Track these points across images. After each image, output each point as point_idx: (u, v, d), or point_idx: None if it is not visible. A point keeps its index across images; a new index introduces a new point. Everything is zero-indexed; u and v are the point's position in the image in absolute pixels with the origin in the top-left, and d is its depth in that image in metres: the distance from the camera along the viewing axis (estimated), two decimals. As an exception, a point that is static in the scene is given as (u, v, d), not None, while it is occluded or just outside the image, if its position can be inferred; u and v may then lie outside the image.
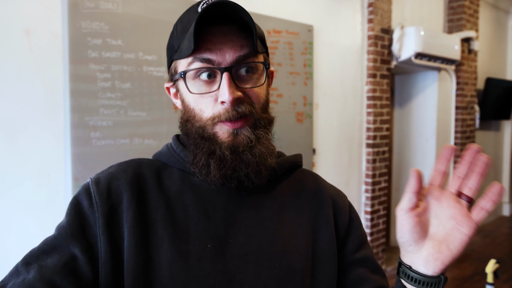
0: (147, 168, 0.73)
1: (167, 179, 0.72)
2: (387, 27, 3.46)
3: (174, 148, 0.75)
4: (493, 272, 2.03)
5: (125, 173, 0.70)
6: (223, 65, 0.65)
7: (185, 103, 0.70)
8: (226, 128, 0.66)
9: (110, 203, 0.66)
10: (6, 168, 1.76)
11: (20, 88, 1.79)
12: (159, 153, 0.77)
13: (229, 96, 0.63)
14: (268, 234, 0.68)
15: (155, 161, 0.75)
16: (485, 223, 5.24)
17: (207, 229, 0.66)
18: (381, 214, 3.57)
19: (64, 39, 1.87)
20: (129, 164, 0.73)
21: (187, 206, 0.68)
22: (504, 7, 5.37)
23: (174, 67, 0.71)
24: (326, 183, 0.83)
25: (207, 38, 0.65)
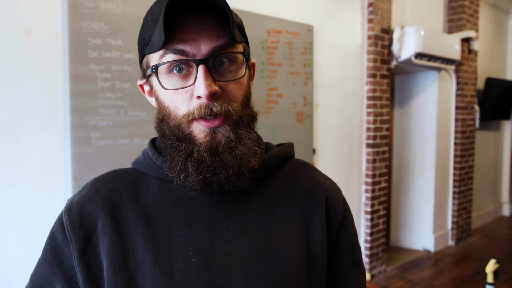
0: (122, 182, 0.68)
1: (144, 190, 0.67)
2: (387, 27, 3.46)
3: (150, 156, 0.70)
4: (493, 272, 2.03)
5: (97, 193, 0.66)
6: (198, 57, 0.60)
7: (159, 100, 0.65)
8: (201, 127, 0.61)
9: (83, 232, 0.63)
10: (6, 168, 1.76)
11: (20, 88, 1.79)
12: (136, 161, 0.72)
13: (205, 90, 0.58)
14: (256, 240, 0.64)
15: (132, 171, 0.71)
16: (485, 223, 5.25)
17: (191, 242, 0.62)
18: (381, 214, 3.57)
19: (64, 39, 1.87)
20: (102, 181, 0.68)
21: (167, 218, 0.64)
22: (504, 7, 5.37)
23: (146, 62, 0.65)
24: (320, 175, 0.77)
25: (179, 28, 0.60)
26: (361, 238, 3.49)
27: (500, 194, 5.70)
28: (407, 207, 4.34)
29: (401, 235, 4.37)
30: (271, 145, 0.77)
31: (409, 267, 3.78)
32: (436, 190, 4.21)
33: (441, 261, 3.97)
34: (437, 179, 4.21)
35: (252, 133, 0.65)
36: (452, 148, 4.41)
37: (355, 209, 3.44)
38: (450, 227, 4.45)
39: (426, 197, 4.23)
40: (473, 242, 4.55)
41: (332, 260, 0.71)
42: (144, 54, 0.65)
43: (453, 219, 4.44)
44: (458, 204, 4.44)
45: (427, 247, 4.22)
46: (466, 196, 4.56)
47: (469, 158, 4.55)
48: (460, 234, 4.51)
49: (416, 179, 4.29)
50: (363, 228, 3.50)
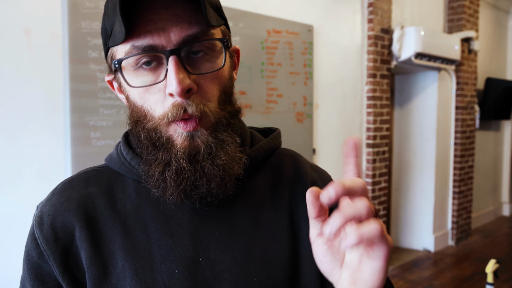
0: (96, 185, 0.61)
1: (120, 194, 0.61)
2: (387, 27, 3.46)
3: (124, 155, 0.62)
4: (493, 272, 2.03)
5: (69, 202, 0.60)
6: (168, 48, 0.52)
7: (130, 100, 0.57)
8: (179, 130, 0.54)
9: (60, 246, 0.57)
10: (6, 167, 1.76)
11: (20, 88, 1.79)
12: (109, 158, 0.65)
13: (177, 86, 0.50)
14: (243, 245, 0.59)
15: (105, 171, 0.64)
16: (485, 223, 5.25)
17: (173, 251, 0.57)
18: (381, 214, 3.57)
19: (64, 39, 1.87)
20: (73, 186, 0.62)
21: (147, 225, 0.58)
22: (504, 7, 5.37)
23: (111, 55, 0.57)
24: (307, 165, 0.71)
25: (144, 16, 0.52)
26: (361, 238, 3.49)
27: (500, 194, 5.70)
28: (407, 207, 4.34)
29: (401, 235, 4.37)
30: (257, 136, 0.70)
31: (409, 267, 3.78)
32: (436, 190, 4.21)
33: (441, 261, 3.97)
34: (437, 179, 4.21)
35: (235, 136, 0.58)
36: (452, 148, 4.41)
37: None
38: (450, 227, 4.45)
39: (426, 197, 4.23)
40: (473, 242, 4.55)
41: None
42: (108, 46, 0.57)
43: (453, 219, 4.44)
44: (458, 204, 4.44)
45: (427, 247, 4.22)
46: (466, 196, 4.57)
47: (469, 158, 4.55)
48: (460, 234, 4.51)
49: (416, 179, 4.29)
50: (363, 228, 3.49)
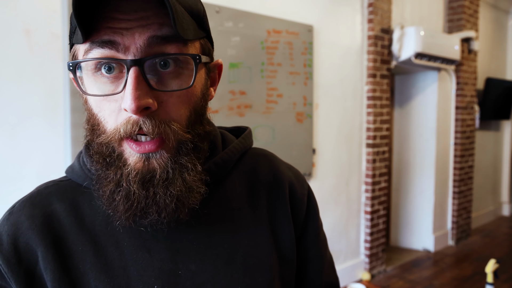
0: (59, 202, 0.56)
1: (88, 209, 0.56)
2: (387, 27, 3.46)
3: (88, 166, 0.57)
4: (493, 272, 2.03)
5: (32, 220, 0.54)
6: (132, 53, 0.46)
7: (87, 105, 0.52)
8: (131, 150, 0.49)
9: (23, 268, 0.52)
10: (6, 167, 1.76)
11: (20, 88, 1.79)
12: (71, 171, 0.59)
13: (131, 102, 0.44)
14: (223, 253, 0.56)
15: (67, 185, 0.58)
16: (485, 223, 5.25)
17: (150, 265, 0.53)
18: (381, 214, 3.57)
19: (64, 39, 1.87)
20: (34, 203, 0.56)
21: (120, 240, 0.54)
22: (504, 7, 5.37)
23: (73, 53, 0.52)
24: (282, 166, 0.68)
25: (109, 14, 0.46)
26: (361, 238, 3.50)
27: (500, 194, 5.70)
28: (407, 207, 4.34)
29: (401, 235, 4.37)
30: (228, 136, 0.66)
31: (409, 267, 3.78)
32: (436, 190, 4.21)
33: (441, 261, 3.97)
34: (437, 179, 4.21)
35: (197, 162, 0.52)
36: (452, 148, 4.41)
37: (355, 209, 3.44)
38: (450, 227, 4.45)
39: (426, 197, 4.23)
40: (473, 242, 4.55)
41: (299, 253, 0.66)
42: (73, 43, 0.51)
43: (453, 219, 4.44)
44: (458, 204, 4.44)
45: (427, 247, 4.22)
46: (466, 196, 4.57)
47: (469, 158, 4.55)
48: (460, 234, 4.51)
49: (416, 179, 4.29)
50: (363, 228, 3.50)
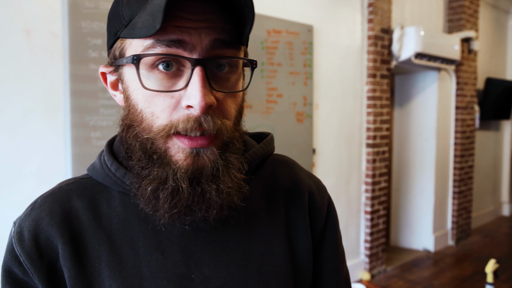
0: (79, 199, 0.56)
1: (106, 208, 0.56)
2: (387, 27, 3.46)
3: (108, 165, 0.57)
4: (493, 272, 2.03)
5: (52, 216, 0.55)
6: (196, 53, 0.47)
7: (130, 100, 0.52)
8: (181, 145, 0.49)
9: (45, 263, 0.53)
10: (7, 168, 1.76)
11: (20, 88, 1.79)
12: (92, 169, 0.60)
13: (201, 100, 0.46)
14: (238, 258, 0.56)
15: (88, 182, 0.59)
16: (485, 223, 5.25)
17: (164, 267, 0.53)
18: (381, 214, 3.57)
19: (64, 39, 1.87)
20: (55, 199, 0.56)
21: (135, 241, 0.54)
22: (504, 7, 5.37)
23: (121, 47, 0.51)
24: (303, 174, 0.67)
25: (176, 13, 0.47)
26: (361, 238, 3.50)
27: (500, 194, 5.70)
28: (407, 207, 4.34)
29: (401, 235, 4.37)
30: (249, 141, 0.65)
31: (409, 267, 3.78)
32: (436, 190, 4.21)
33: (441, 261, 3.97)
34: (437, 179, 4.21)
35: (243, 161, 0.54)
36: (452, 148, 4.41)
37: (355, 209, 3.44)
38: (450, 227, 4.45)
39: (426, 197, 4.23)
40: (473, 242, 4.55)
41: (314, 265, 0.64)
42: (119, 36, 0.51)
43: (453, 219, 4.44)
44: (458, 204, 4.44)
45: (427, 247, 4.22)
46: (466, 196, 4.57)
47: (469, 158, 4.55)
48: (460, 234, 4.51)
49: (416, 179, 4.29)
50: (363, 228, 3.50)
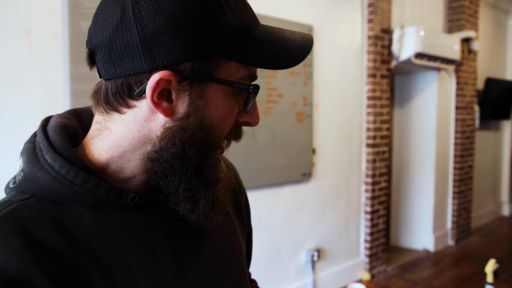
0: (37, 227, 0.46)
1: (77, 229, 0.48)
2: (387, 27, 3.46)
3: (70, 178, 0.47)
4: (493, 272, 2.03)
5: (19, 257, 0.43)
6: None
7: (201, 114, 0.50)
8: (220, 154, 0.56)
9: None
10: (7, 168, 1.76)
11: (20, 88, 1.79)
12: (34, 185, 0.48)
13: (258, 118, 0.56)
14: (213, 244, 0.61)
15: (35, 204, 0.48)
16: (485, 223, 5.25)
17: (163, 275, 0.52)
18: (381, 214, 3.57)
19: (64, 39, 1.87)
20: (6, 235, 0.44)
21: (124, 256, 0.50)
22: (504, 7, 5.37)
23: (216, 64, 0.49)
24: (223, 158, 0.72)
25: None
26: (361, 238, 3.50)
27: (500, 194, 5.70)
28: (407, 207, 4.34)
29: (401, 235, 4.37)
30: None
31: (409, 267, 3.78)
32: (436, 190, 4.21)
33: (441, 261, 3.97)
34: (437, 179, 4.21)
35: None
36: (452, 148, 4.41)
37: (355, 209, 3.44)
38: (450, 227, 4.45)
39: (426, 197, 4.23)
40: (473, 242, 4.55)
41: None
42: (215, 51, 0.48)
43: (453, 219, 4.44)
44: (458, 204, 4.44)
45: (427, 247, 4.22)
46: (466, 196, 4.57)
47: (469, 158, 4.55)
48: (460, 234, 4.51)
49: (416, 179, 4.29)
50: (363, 228, 3.50)
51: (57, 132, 0.51)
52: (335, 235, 3.28)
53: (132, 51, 0.46)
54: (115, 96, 0.49)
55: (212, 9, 0.47)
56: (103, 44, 0.47)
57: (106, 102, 0.50)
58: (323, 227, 3.18)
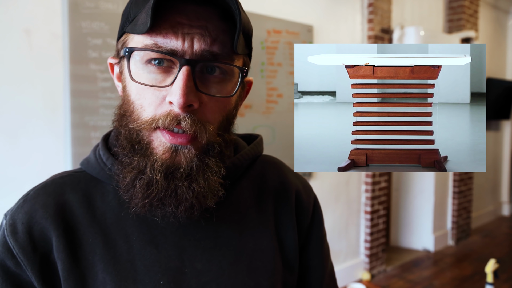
0: (73, 192, 0.57)
1: (100, 202, 0.57)
2: (387, 27, 3.46)
3: (104, 160, 0.59)
4: (493, 272, 2.03)
5: (46, 209, 0.55)
6: (188, 53, 0.50)
7: (125, 91, 0.55)
8: (163, 140, 0.51)
9: (38, 255, 0.53)
10: (6, 168, 1.76)
11: (20, 88, 1.79)
12: (86, 163, 0.61)
13: (180, 97, 0.48)
14: (229, 254, 0.58)
15: (82, 176, 0.60)
16: (485, 223, 5.25)
17: (157, 261, 0.55)
18: (381, 214, 3.57)
19: (64, 39, 1.87)
20: (48, 192, 0.58)
21: (129, 235, 0.55)
22: (504, 7, 5.37)
23: (124, 40, 0.55)
24: (290, 174, 0.71)
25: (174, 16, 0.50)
26: (361, 238, 3.50)
27: (500, 194, 5.70)
28: (407, 207, 4.34)
29: (401, 235, 4.37)
30: (240, 142, 0.68)
31: (409, 267, 3.78)
32: (436, 190, 4.21)
33: (441, 261, 3.97)
34: (437, 179, 4.21)
35: (222, 166, 0.55)
36: (452, 148, 4.40)
37: (355, 209, 3.44)
38: (450, 227, 4.45)
39: (426, 197, 4.23)
40: (473, 242, 4.55)
41: (301, 261, 0.67)
42: (125, 31, 0.55)
43: (453, 219, 4.44)
44: (458, 204, 4.44)
45: (427, 247, 4.22)
46: (466, 196, 4.57)
47: (469, 158, 4.55)
48: (460, 234, 4.51)
49: (416, 179, 4.29)
50: (363, 228, 3.50)
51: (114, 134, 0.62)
52: (335, 235, 3.28)
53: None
54: None
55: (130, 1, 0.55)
56: None
57: None
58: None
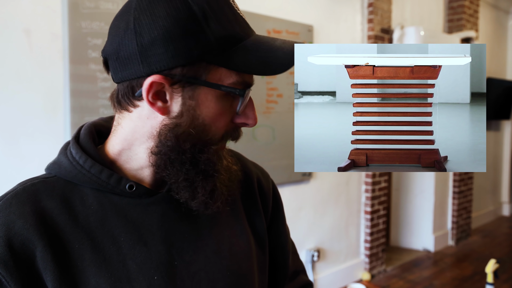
0: (49, 199, 0.56)
1: (80, 206, 0.57)
2: (387, 27, 3.46)
3: (81, 163, 0.58)
4: (493, 272, 2.03)
5: (25, 219, 0.53)
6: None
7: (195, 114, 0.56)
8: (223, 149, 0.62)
9: (22, 269, 0.52)
10: (6, 169, 1.76)
11: (20, 88, 1.79)
12: (57, 167, 0.60)
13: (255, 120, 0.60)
14: (211, 243, 0.63)
15: (55, 181, 0.59)
16: (485, 223, 5.25)
17: (149, 258, 0.57)
18: (381, 214, 3.57)
19: (64, 39, 1.87)
20: (22, 201, 0.55)
21: (116, 236, 0.56)
22: (504, 7, 5.37)
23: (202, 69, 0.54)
24: (249, 163, 0.77)
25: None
26: (361, 238, 3.49)
27: (500, 194, 5.69)
28: (407, 207, 4.34)
29: (401, 235, 4.37)
30: None
31: (409, 267, 3.78)
32: (436, 190, 4.21)
33: (441, 261, 3.97)
34: (437, 179, 4.21)
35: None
36: (452, 148, 4.40)
37: (355, 209, 3.44)
38: (450, 227, 4.45)
39: (426, 197, 4.23)
40: (473, 242, 4.55)
41: (269, 241, 0.74)
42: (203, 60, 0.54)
43: (453, 219, 4.44)
44: (458, 204, 4.44)
45: (427, 247, 4.22)
46: (466, 196, 4.57)
47: (469, 158, 4.55)
48: (460, 234, 4.51)
49: (416, 179, 4.29)
50: (363, 228, 3.50)
51: (86, 131, 0.62)
52: (335, 235, 3.28)
53: (133, 59, 0.54)
54: (123, 97, 0.58)
55: (200, 22, 0.53)
56: (113, 53, 0.56)
57: (118, 103, 0.59)
58: (323, 227, 3.18)
